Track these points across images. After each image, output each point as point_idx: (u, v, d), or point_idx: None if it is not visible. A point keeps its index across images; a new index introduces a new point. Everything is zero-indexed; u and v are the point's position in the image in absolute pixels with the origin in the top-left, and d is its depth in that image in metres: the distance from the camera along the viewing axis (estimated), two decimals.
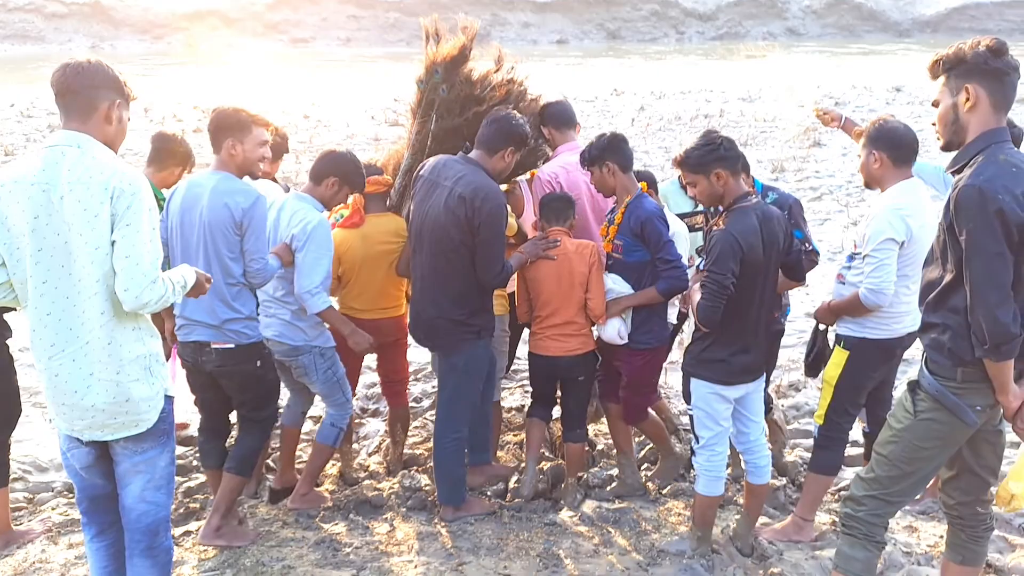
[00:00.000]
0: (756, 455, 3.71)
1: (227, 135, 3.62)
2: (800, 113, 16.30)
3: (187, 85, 20.39)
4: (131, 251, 2.62)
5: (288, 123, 14.97)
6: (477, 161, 3.86)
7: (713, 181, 3.42)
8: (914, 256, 3.51)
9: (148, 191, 2.71)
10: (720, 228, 3.39)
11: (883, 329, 3.64)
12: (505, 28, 33.53)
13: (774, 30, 33.79)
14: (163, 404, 2.85)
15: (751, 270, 3.35)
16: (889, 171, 3.57)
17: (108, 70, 2.75)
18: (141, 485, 2.87)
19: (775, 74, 22.51)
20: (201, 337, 3.66)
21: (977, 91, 2.65)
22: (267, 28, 31.80)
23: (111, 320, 2.70)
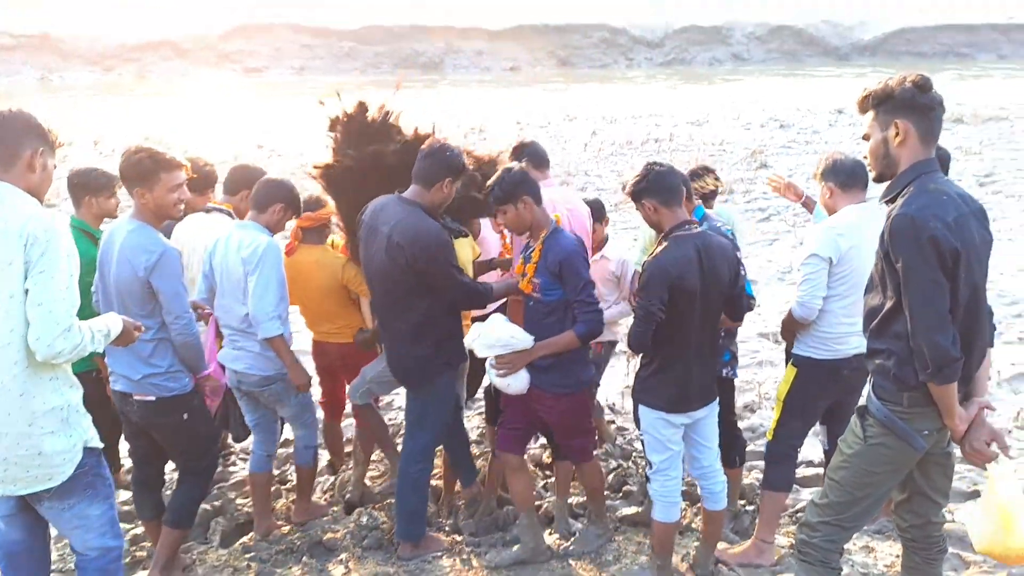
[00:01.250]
0: (711, 481, 3.73)
1: (134, 184, 3.43)
2: (747, 136, 16.65)
3: (138, 116, 20.13)
4: (44, 299, 2.58)
5: (241, 152, 14.85)
6: (414, 199, 3.80)
7: (648, 211, 3.49)
8: (847, 275, 3.66)
9: (65, 238, 2.68)
10: (653, 256, 3.44)
11: (825, 350, 3.76)
12: (458, 56, 33.76)
13: (719, 56, 34.52)
14: (81, 457, 2.78)
15: (684, 299, 3.37)
16: (839, 198, 3.81)
17: (31, 119, 2.75)
18: (80, 536, 2.84)
19: (722, 98, 22.98)
20: (124, 388, 3.55)
21: (906, 126, 2.73)
22: (220, 58, 31.58)
23: (25, 370, 2.65)
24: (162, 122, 18.72)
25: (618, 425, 5.53)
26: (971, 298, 2.70)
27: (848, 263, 3.66)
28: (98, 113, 20.29)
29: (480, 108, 20.97)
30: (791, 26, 34.90)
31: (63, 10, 32.64)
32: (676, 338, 3.44)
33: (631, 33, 34.86)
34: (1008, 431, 5.22)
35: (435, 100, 22.88)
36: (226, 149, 15.18)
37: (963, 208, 2.68)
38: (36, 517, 2.87)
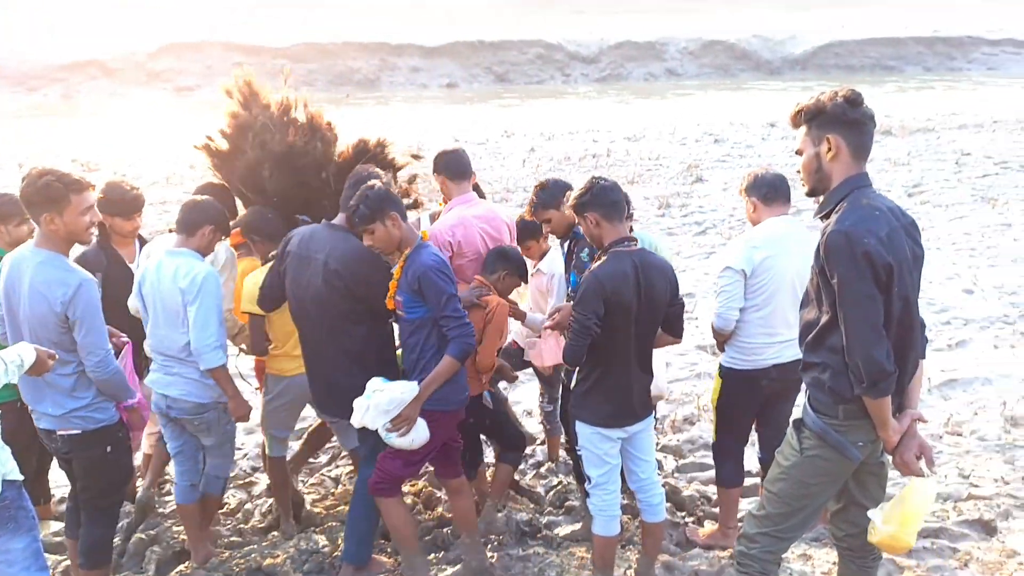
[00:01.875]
0: (649, 493, 3.76)
1: (42, 209, 3.22)
2: (683, 150, 16.95)
3: (65, 138, 19.55)
4: None
5: (173, 173, 14.53)
6: (343, 226, 3.83)
7: (589, 224, 3.52)
8: (763, 287, 3.82)
9: None
10: (589, 271, 3.48)
11: (742, 361, 3.95)
12: (394, 73, 33.63)
13: (654, 71, 35.07)
14: (1, 491, 2.71)
15: (619, 313, 3.41)
16: (763, 211, 3.98)
17: None
18: (4, 571, 2.77)
19: (658, 113, 23.37)
20: (48, 425, 3.43)
21: (838, 141, 2.78)
22: (150, 77, 30.89)
23: None
24: (90, 144, 18.22)
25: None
26: (904, 311, 2.76)
27: (763, 274, 3.80)
28: (23, 135, 19.67)
29: (417, 125, 20.90)
30: (723, 41, 35.67)
31: None
32: (611, 353, 3.47)
33: (566, 49, 35.20)
34: (939, 436, 5.38)
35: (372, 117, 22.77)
36: (158, 170, 14.84)
37: (895, 222, 2.73)
38: None
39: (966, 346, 6.91)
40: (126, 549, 4.18)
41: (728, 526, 4.22)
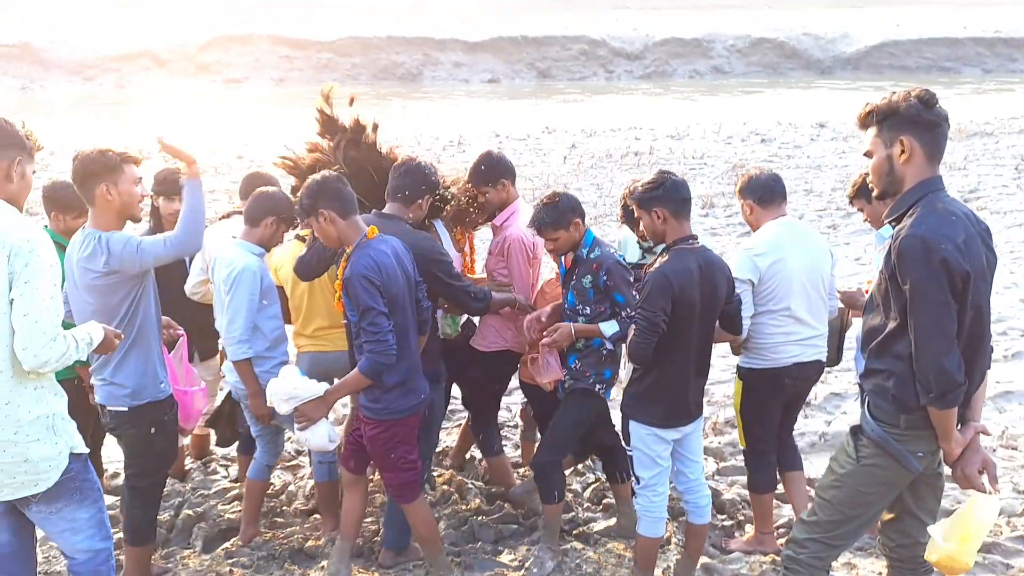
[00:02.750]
0: (696, 495, 3.74)
1: (98, 180, 3.26)
2: (728, 149, 16.75)
3: (117, 126, 19.96)
4: (29, 309, 2.60)
5: (221, 163, 14.77)
6: (396, 215, 3.84)
7: (654, 219, 3.47)
8: (773, 291, 3.83)
9: (48, 248, 2.69)
10: (655, 267, 3.44)
11: (763, 360, 3.94)
12: (437, 68, 33.75)
13: (700, 68, 34.72)
14: (67, 463, 2.82)
15: (684, 311, 3.39)
16: (760, 214, 3.99)
17: (6, 127, 2.73)
18: (69, 538, 2.90)
19: (703, 112, 23.14)
20: (101, 400, 3.50)
21: (912, 143, 2.69)
22: (199, 69, 31.39)
23: (10, 380, 2.68)
24: (142, 133, 18.57)
25: None
26: (975, 320, 2.68)
27: (772, 279, 3.81)
28: (78, 123, 20.10)
29: (458, 120, 20.96)
30: (772, 39, 35.16)
31: (44, 20, 32.37)
32: (672, 351, 3.45)
33: (610, 45, 34.99)
34: (993, 449, 5.25)
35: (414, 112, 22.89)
36: (206, 160, 15.08)
37: (971, 228, 2.66)
38: (22, 520, 2.90)
39: (1022, 358, 6.73)
40: (175, 524, 4.26)
41: (764, 531, 4.18)
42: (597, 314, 3.84)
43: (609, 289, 3.78)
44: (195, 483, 4.88)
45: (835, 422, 5.69)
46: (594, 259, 3.80)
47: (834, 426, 5.61)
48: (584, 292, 3.83)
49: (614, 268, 3.79)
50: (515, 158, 15.95)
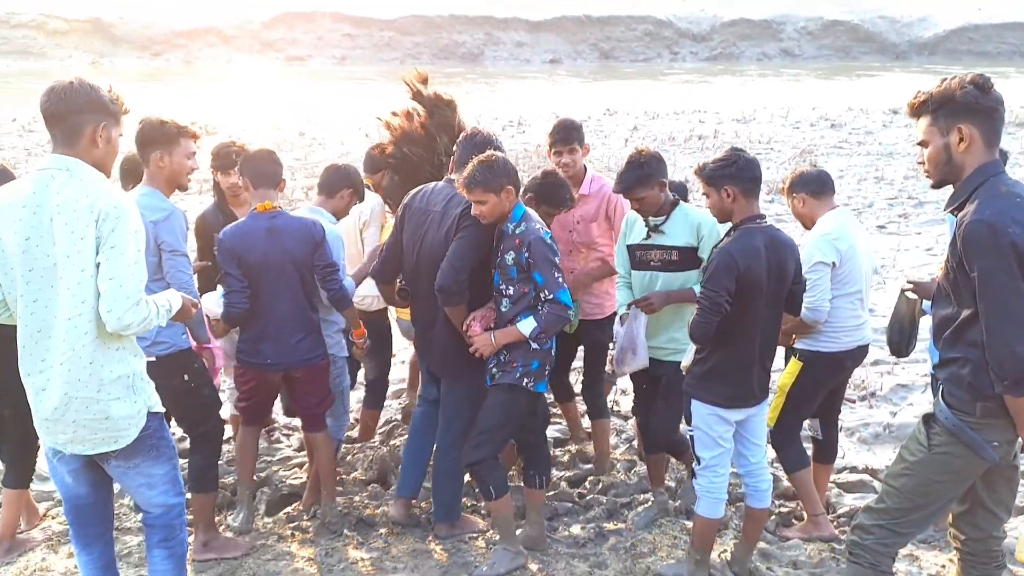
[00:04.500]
0: (757, 478, 3.68)
1: (155, 147, 3.56)
2: (796, 134, 16.38)
3: (184, 101, 20.41)
4: (115, 273, 2.67)
5: (284, 140, 14.98)
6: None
7: (723, 196, 3.42)
8: (848, 275, 3.90)
9: (134, 214, 2.76)
10: (721, 247, 3.39)
11: (834, 343, 3.95)
12: (498, 48, 33.70)
13: (769, 51, 34.02)
14: (145, 421, 2.91)
15: (749, 291, 3.33)
16: (815, 206, 4.01)
17: (92, 91, 2.76)
18: (145, 493, 3.00)
19: (770, 95, 22.65)
20: None
21: (971, 131, 2.63)
22: (263, 46, 31.89)
23: (94, 340, 2.75)
24: (208, 108, 18.95)
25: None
26: None
27: (848, 263, 3.88)
28: (146, 98, 20.61)
29: (519, 100, 20.90)
30: (846, 21, 34.19)
31: None
32: (738, 331, 3.39)
33: (676, 26, 34.48)
34: None
35: (474, 91, 22.88)
36: (268, 136, 15.31)
37: None
38: (101, 474, 3.00)
39: None
40: (238, 489, 4.36)
41: (816, 512, 4.10)
42: (521, 295, 3.65)
43: (530, 267, 3.59)
44: (259, 450, 4.97)
45: (901, 413, 5.55)
46: (518, 234, 3.62)
47: (899, 417, 5.47)
48: (507, 270, 3.64)
49: (536, 244, 3.58)
50: None
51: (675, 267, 3.93)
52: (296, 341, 3.88)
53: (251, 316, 3.85)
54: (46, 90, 2.75)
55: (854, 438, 5.25)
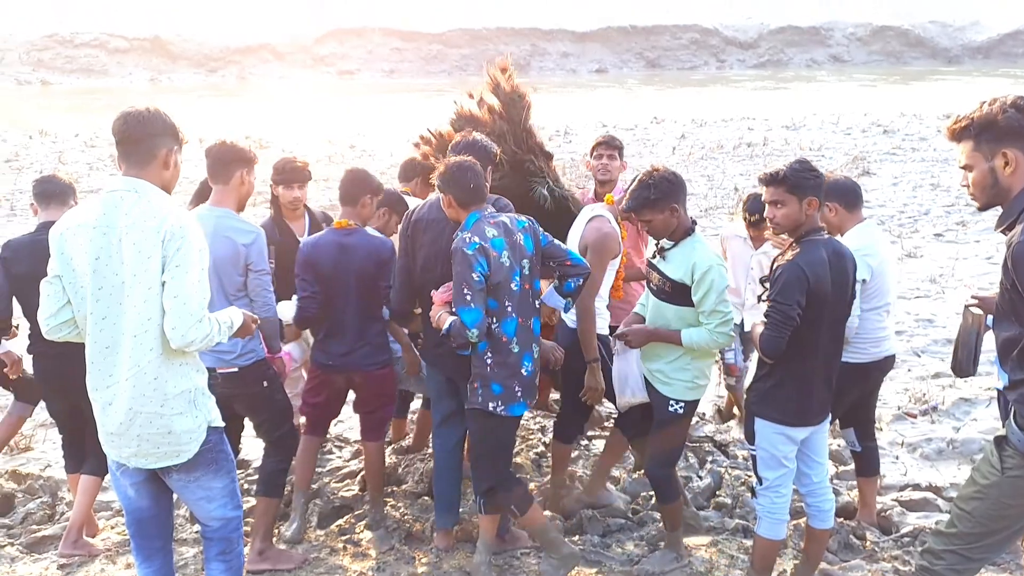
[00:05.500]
0: (819, 498, 3.58)
1: (241, 166, 3.76)
2: (848, 141, 16.08)
3: (238, 115, 20.83)
4: (179, 291, 2.75)
5: (335, 152, 15.19)
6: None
7: (804, 207, 3.30)
8: (877, 289, 3.94)
9: (198, 234, 2.84)
10: (788, 259, 3.31)
11: (861, 353, 3.98)
12: (544, 58, 33.78)
13: (817, 57, 33.53)
14: (206, 436, 2.98)
15: (818, 304, 3.26)
16: (844, 217, 3.98)
17: (166, 118, 2.90)
18: (204, 506, 3.06)
19: (820, 102, 22.29)
20: (211, 364, 3.65)
21: (1015, 154, 2.59)
22: (315, 60, 32.44)
23: (159, 356, 2.83)
24: (261, 122, 19.31)
25: (703, 435, 5.39)
26: None
27: (878, 279, 3.90)
28: (202, 112, 21.08)
29: (566, 110, 20.88)
30: (896, 26, 33.58)
31: (172, 15, 34.11)
32: (803, 346, 3.31)
33: (723, 34, 34.20)
34: None
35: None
36: (320, 149, 15.54)
37: None
38: (162, 487, 3.06)
39: None
40: (291, 500, 4.41)
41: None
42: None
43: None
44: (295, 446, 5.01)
45: (964, 428, 5.38)
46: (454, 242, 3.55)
47: (963, 432, 5.30)
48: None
49: (454, 254, 3.49)
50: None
51: (666, 298, 3.71)
52: (358, 348, 4.06)
53: (321, 320, 4.06)
54: (122, 115, 2.86)
55: (916, 454, 5.10)
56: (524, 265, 3.54)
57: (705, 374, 3.83)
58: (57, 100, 25.60)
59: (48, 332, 2.89)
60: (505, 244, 3.48)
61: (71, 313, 2.85)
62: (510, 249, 3.48)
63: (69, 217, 2.85)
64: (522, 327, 3.54)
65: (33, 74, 29.58)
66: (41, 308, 2.87)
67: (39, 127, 18.51)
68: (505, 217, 3.59)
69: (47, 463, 5.03)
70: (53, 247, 2.83)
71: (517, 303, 3.51)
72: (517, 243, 3.53)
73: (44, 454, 5.15)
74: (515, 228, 3.56)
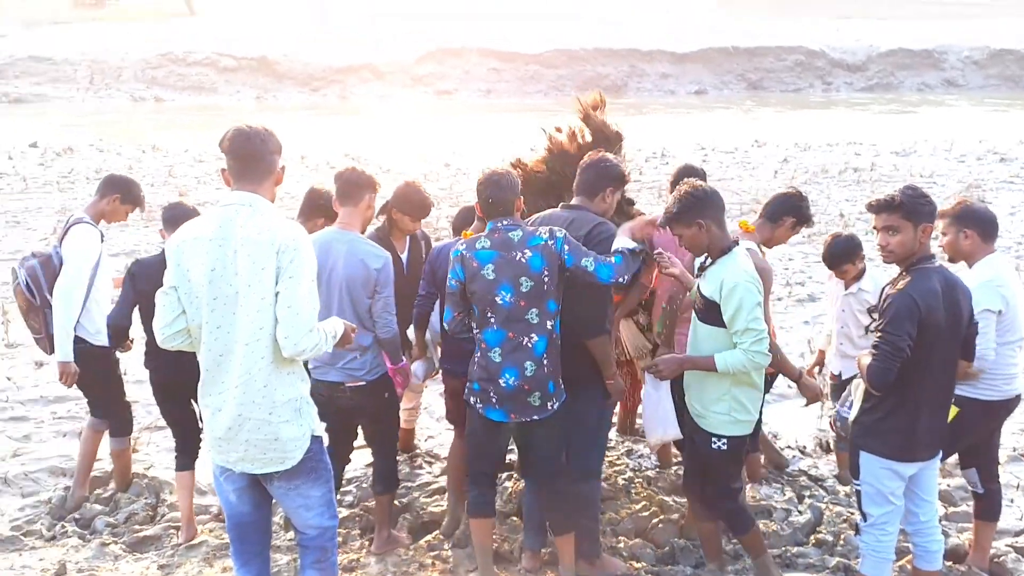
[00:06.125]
0: (927, 538, 3.41)
1: (369, 191, 3.99)
2: (961, 168, 15.36)
3: (339, 133, 21.44)
4: (293, 302, 2.83)
5: (430, 171, 15.43)
6: (581, 206, 3.88)
7: (919, 233, 3.21)
8: (1012, 323, 3.80)
9: (309, 247, 2.93)
10: (899, 288, 3.16)
11: (992, 390, 3.83)
12: (643, 79, 33.54)
13: (930, 81, 32.24)
14: (309, 444, 3.03)
15: (929, 335, 3.13)
16: (978, 247, 3.84)
17: (277, 137, 3.03)
18: (302, 514, 3.12)
19: (932, 127, 21.40)
20: (338, 378, 3.93)
21: None
22: (414, 80, 33.11)
23: (269, 364, 2.91)
24: (360, 140, 19.81)
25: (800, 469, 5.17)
26: None
27: (1011, 311, 3.80)
28: (305, 130, 21.80)
29: (663, 131, 20.65)
30: (1015, 50, 31.97)
31: (279, 36, 35.53)
32: (913, 378, 3.17)
33: (830, 56, 33.24)
34: None
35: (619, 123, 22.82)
36: (416, 167, 15.82)
37: None
38: (263, 493, 3.13)
39: None
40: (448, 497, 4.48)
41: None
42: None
43: None
44: (401, 475, 5.03)
45: None
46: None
47: None
48: None
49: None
50: (721, 171, 15.51)
51: (702, 317, 3.60)
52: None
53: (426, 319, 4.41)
54: (241, 132, 2.96)
55: None
56: (521, 282, 3.47)
57: (746, 407, 3.58)
58: (169, 116, 26.93)
59: (163, 341, 3.00)
60: (494, 257, 3.49)
61: (185, 323, 2.95)
62: (499, 263, 3.48)
63: (186, 230, 2.96)
64: (511, 341, 3.49)
65: (147, 91, 31.16)
66: (157, 317, 2.99)
67: (152, 142, 19.43)
68: (520, 232, 3.52)
69: (151, 464, 5.22)
70: (170, 259, 2.94)
71: (504, 317, 3.48)
72: (514, 259, 3.47)
73: (148, 456, 5.34)
74: (522, 244, 3.50)
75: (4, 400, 6.14)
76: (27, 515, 4.62)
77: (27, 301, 4.37)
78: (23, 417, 5.88)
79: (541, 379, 3.51)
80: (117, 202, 4.58)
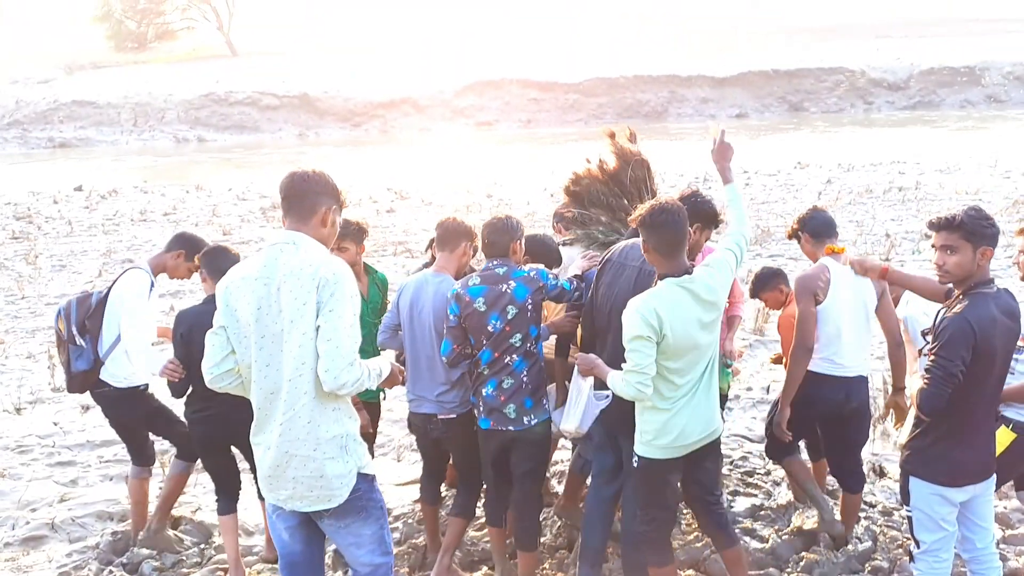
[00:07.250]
0: (984, 565, 3.35)
1: (466, 238, 4.14)
2: (1007, 185, 15.09)
3: (381, 167, 21.76)
4: (333, 335, 2.84)
5: (472, 202, 15.58)
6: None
7: (978, 256, 3.13)
8: None
9: (351, 281, 2.94)
10: (955, 312, 3.14)
11: None
12: (683, 104, 33.59)
13: (972, 98, 31.75)
14: (355, 481, 3.02)
15: (983, 361, 3.09)
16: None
17: (328, 180, 3.09)
18: (354, 552, 3.11)
19: (976, 144, 21.05)
20: (431, 410, 4.11)
21: None
22: (454, 113, 33.54)
23: (312, 400, 2.91)
24: (401, 173, 20.09)
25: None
26: None
27: None
28: (347, 165, 22.16)
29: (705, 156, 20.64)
30: None
31: (319, 73, 36.31)
32: (964, 403, 3.13)
33: (870, 75, 32.97)
34: None
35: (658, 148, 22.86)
36: (459, 199, 16.00)
37: None
38: (315, 531, 3.13)
39: None
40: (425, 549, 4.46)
41: None
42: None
43: None
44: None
45: None
46: None
47: None
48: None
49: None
50: (765, 194, 15.45)
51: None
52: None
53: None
54: (289, 174, 3.07)
55: None
56: (508, 311, 3.86)
57: (649, 431, 3.42)
58: (212, 155, 27.55)
59: (211, 381, 3.04)
60: (483, 291, 3.90)
61: (234, 363, 3.00)
62: (488, 295, 3.88)
63: (235, 271, 3.03)
64: (497, 360, 3.90)
65: (191, 131, 32.00)
66: (206, 358, 3.03)
67: (196, 182, 19.83)
68: (505, 268, 3.94)
69: (198, 507, 5.15)
70: (219, 300, 3.00)
71: (494, 340, 3.88)
72: (501, 291, 3.87)
73: (195, 498, 5.25)
74: (507, 277, 3.91)
75: (51, 445, 6.15)
76: (75, 560, 4.59)
77: (57, 333, 4.49)
78: (70, 462, 5.89)
79: (518, 393, 3.90)
80: (181, 258, 4.56)
